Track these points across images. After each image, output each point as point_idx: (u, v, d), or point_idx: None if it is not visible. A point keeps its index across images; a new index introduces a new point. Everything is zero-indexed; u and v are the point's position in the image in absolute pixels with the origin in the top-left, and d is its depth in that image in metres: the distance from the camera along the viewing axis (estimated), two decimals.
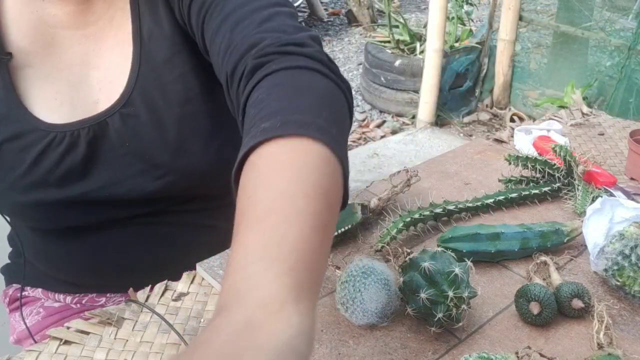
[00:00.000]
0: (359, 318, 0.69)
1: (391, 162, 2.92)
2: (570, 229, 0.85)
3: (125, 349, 0.70)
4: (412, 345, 0.68)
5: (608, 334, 0.66)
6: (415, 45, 3.55)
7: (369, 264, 0.70)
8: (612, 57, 2.88)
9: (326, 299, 0.75)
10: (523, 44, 3.30)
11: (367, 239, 0.87)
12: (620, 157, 1.16)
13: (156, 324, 0.73)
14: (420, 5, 5.46)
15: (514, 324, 0.72)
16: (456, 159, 1.12)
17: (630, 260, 0.74)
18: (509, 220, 0.91)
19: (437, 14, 2.97)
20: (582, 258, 0.85)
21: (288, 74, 0.59)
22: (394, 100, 3.46)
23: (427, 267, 0.66)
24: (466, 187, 1.02)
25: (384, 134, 3.31)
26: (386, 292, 0.69)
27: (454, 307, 0.66)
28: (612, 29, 2.88)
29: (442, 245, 0.79)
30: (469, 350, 0.67)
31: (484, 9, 4.19)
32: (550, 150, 0.99)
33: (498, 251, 0.81)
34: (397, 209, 0.89)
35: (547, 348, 0.68)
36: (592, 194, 0.93)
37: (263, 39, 0.64)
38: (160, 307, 0.76)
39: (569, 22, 3.06)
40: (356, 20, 4.92)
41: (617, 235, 0.77)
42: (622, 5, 2.87)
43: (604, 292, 0.78)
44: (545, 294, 0.70)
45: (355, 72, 4.10)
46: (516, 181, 0.99)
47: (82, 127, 0.79)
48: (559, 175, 0.97)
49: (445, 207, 0.89)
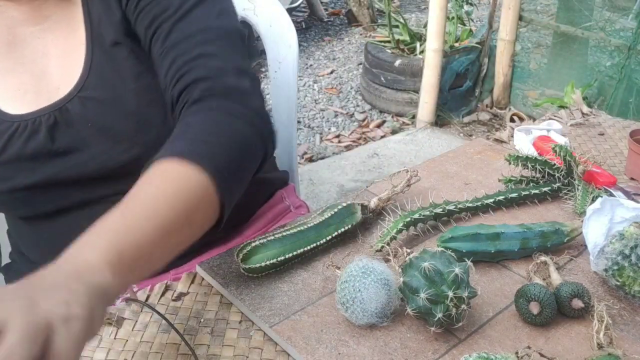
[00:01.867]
0: (359, 318, 0.69)
1: (391, 162, 2.92)
2: (570, 229, 0.85)
3: (125, 349, 0.70)
4: (412, 345, 0.68)
5: (608, 334, 0.66)
6: (415, 45, 3.55)
7: (368, 264, 0.70)
8: (612, 57, 2.88)
9: (326, 299, 0.75)
10: (523, 44, 3.30)
11: (367, 239, 0.87)
12: (620, 157, 1.16)
13: (156, 323, 0.73)
14: (420, 5, 5.46)
15: (514, 324, 0.72)
16: (456, 159, 1.12)
17: (630, 260, 0.74)
18: (509, 220, 0.91)
19: (437, 13, 2.97)
20: (582, 258, 0.85)
21: (212, 115, 0.73)
22: (394, 100, 3.46)
23: (427, 267, 0.66)
24: (466, 187, 1.02)
25: (384, 134, 3.31)
26: (386, 292, 0.69)
27: (454, 307, 0.66)
28: (612, 29, 2.88)
29: (442, 245, 0.79)
30: (469, 350, 0.67)
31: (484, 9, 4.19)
32: (550, 150, 0.99)
33: (498, 251, 0.81)
34: (397, 209, 0.89)
35: (547, 348, 0.68)
36: (592, 194, 0.93)
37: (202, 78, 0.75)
38: (160, 307, 0.76)
39: (569, 22, 3.06)
40: (356, 20, 4.91)
41: (617, 235, 0.77)
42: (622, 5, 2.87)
43: (604, 292, 0.78)
44: (545, 294, 0.70)
45: (355, 72, 4.10)
46: (516, 181, 0.99)
47: (43, 114, 0.83)
48: (559, 175, 0.97)
49: (445, 207, 0.89)
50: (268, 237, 0.79)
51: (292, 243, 0.79)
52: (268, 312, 0.73)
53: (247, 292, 0.76)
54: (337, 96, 3.80)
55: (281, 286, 0.77)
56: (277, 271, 0.79)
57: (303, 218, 0.88)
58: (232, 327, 0.72)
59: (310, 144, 3.25)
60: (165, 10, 0.80)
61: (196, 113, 0.73)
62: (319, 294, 0.76)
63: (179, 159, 0.65)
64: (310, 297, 0.76)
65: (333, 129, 3.41)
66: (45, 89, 0.85)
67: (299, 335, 0.69)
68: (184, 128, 0.71)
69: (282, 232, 0.80)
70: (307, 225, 0.82)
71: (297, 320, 0.72)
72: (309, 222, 0.83)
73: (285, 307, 0.74)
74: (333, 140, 3.29)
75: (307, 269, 0.81)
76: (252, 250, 0.77)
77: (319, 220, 0.83)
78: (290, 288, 0.77)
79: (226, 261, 0.81)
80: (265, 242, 0.78)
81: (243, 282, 0.78)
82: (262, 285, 0.77)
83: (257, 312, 0.73)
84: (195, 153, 0.66)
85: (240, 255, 0.77)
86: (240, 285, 0.77)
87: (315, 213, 0.87)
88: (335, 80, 4.04)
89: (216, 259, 0.82)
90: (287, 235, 0.80)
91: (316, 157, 3.10)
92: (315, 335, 0.69)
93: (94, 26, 0.85)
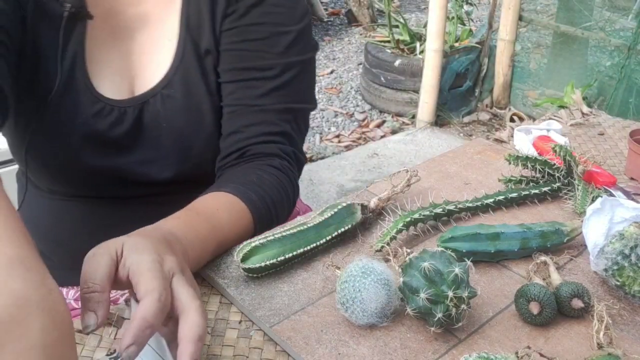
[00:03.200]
0: (358, 318, 0.69)
1: (391, 162, 2.92)
2: (570, 229, 0.85)
3: None
4: (412, 345, 0.68)
5: (608, 334, 0.66)
6: (415, 45, 3.55)
7: (368, 264, 0.70)
8: (612, 57, 2.88)
9: (326, 299, 0.75)
10: (523, 44, 3.30)
11: (367, 239, 0.87)
12: (620, 157, 1.16)
13: None
14: (420, 5, 5.46)
15: (514, 324, 0.72)
16: (456, 159, 1.12)
17: (630, 260, 0.74)
18: (509, 220, 0.91)
19: (437, 13, 2.97)
20: (582, 258, 0.85)
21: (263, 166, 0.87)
22: (394, 100, 3.47)
23: (427, 267, 0.66)
24: (466, 187, 1.02)
25: (384, 134, 3.31)
26: (386, 292, 0.69)
27: (454, 307, 0.66)
28: (612, 29, 2.88)
29: (442, 245, 0.79)
30: (468, 350, 0.67)
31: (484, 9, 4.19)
32: (550, 150, 0.99)
33: (498, 251, 0.81)
34: (397, 209, 0.89)
35: (547, 348, 0.68)
36: (592, 194, 0.93)
37: (276, 154, 0.89)
38: None
39: (569, 22, 3.06)
40: (356, 20, 4.92)
41: (617, 235, 0.77)
42: (622, 5, 2.88)
43: (604, 292, 0.78)
44: (545, 294, 0.70)
45: (355, 72, 4.10)
46: (516, 181, 0.99)
47: (129, 106, 0.86)
48: (559, 175, 0.97)
49: (445, 207, 0.89)
50: (268, 237, 0.79)
51: (292, 243, 0.79)
52: (268, 312, 0.73)
53: (247, 292, 0.76)
54: (337, 96, 3.80)
55: (281, 286, 0.77)
56: (277, 271, 0.79)
57: (303, 218, 0.88)
58: (232, 327, 0.72)
59: (310, 144, 3.25)
60: (267, 68, 0.86)
61: (270, 172, 0.87)
62: (319, 294, 0.76)
63: (248, 204, 0.82)
64: (310, 297, 0.76)
65: (333, 129, 3.41)
66: (134, 79, 0.87)
67: (299, 335, 0.69)
68: (259, 181, 0.85)
69: (282, 232, 0.80)
70: (307, 225, 0.82)
71: (297, 320, 0.72)
72: (309, 222, 0.83)
73: (285, 307, 0.74)
74: (333, 140, 3.30)
75: (307, 269, 0.81)
76: (252, 250, 0.77)
77: (319, 220, 0.83)
78: (290, 288, 0.77)
79: (226, 261, 0.81)
80: (265, 242, 0.78)
81: (243, 282, 0.78)
82: (262, 285, 0.77)
83: (257, 312, 0.73)
84: (257, 207, 0.83)
85: (240, 255, 0.77)
86: (240, 285, 0.77)
87: (315, 213, 0.87)
88: (335, 80, 4.04)
89: (216, 259, 0.82)
90: (287, 235, 0.80)
91: (316, 157, 3.10)
92: (315, 335, 0.69)
93: (191, 29, 0.86)
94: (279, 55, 0.87)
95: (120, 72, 0.87)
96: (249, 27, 0.86)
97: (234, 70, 0.87)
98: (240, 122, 0.87)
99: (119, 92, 0.86)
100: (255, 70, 0.86)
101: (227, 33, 0.86)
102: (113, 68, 0.87)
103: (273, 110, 0.87)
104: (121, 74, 0.87)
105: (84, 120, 0.85)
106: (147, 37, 0.88)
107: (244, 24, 0.85)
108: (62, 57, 0.83)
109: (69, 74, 0.84)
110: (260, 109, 0.87)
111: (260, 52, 0.86)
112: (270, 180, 0.86)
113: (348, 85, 3.93)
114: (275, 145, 0.88)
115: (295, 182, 0.92)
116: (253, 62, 0.86)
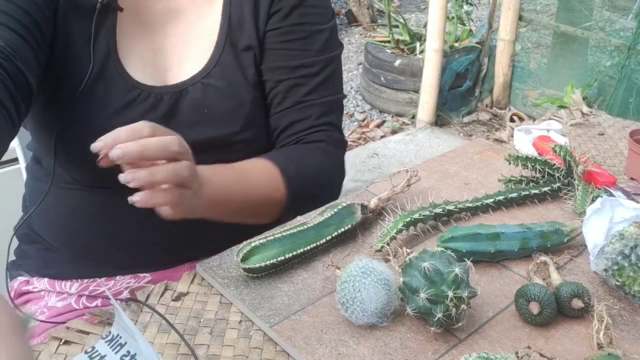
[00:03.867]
0: (358, 318, 0.69)
1: (391, 162, 2.92)
2: (570, 229, 0.85)
3: None
4: (412, 345, 0.68)
5: (608, 334, 0.66)
6: (415, 45, 3.55)
7: (368, 263, 0.70)
8: (612, 57, 2.88)
9: (326, 299, 0.75)
10: (523, 44, 3.30)
11: (367, 239, 0.87)
12: (620, 157, 1.16)
13: (156, 324, 0.73)
14: (420, 5, 5.46)
15: (514, 324, 0.72)
16: (456, 159, 1.12)
17: (630, 260, 0.74)
18: (509, 220, 0.91)
19: (437, 13, 2.97)
20: (582, 258, 0.85)
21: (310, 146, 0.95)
22: (394, 100, 3.46)
23: (427, 267, 0.66)
24: (466, 187, 1.02)
25: (384, 134, 3.31)
26: (386, 292, 0.69)
27: (454, 307, 0.66)
28: (612, 29, 2.88)
29: (442, 245, 0.79)
30: (468, 350, 0.67)
31: (484, 9, 4.19)
32: (550, 150, 0.99)
33: (498, 251, 0.81)
34: (397, 209, 0.89)
35: (547, 348, 0.68)
36: (592, 194, 0.93)
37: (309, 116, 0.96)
38: (160, 307, 0.76)
39: (569, 22, 3.06)
40: (356, 20, 4.91)
41: (617, 235, 0.77)
42: (622, 5, 2.88)
43: (604, 292, 0.78)
44: (545, 294, 0.70)
45: (355, 72, 4.10)
46: (516, 181, 0.99)
47: (166, 93, 0.88)
48: (559, 175, 0.97)
49: (445, 207, 0.89)
50: (268, 237, 0.79)
51: (292, 243, 0.79)
52: (268, 312, 0.73)
53: (247, 292, 0.76)
54: None
55: (281, 286, 0.77)
56: (277, 271, 0.79)
57: (303, 218, 0.88)
58: (232, 327, 0.72)
59: None
60: (310, 66, 0.94)
61: (314, 151, 0.94)
62: (319, 294, 0.76)
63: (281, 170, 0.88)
64: (310, 297, 0.76)
65: None
66: (167, 70, 0.89)
67: (299, 335, 0.69)
68: (300, 158, 0.92)
69: (282, 232, 0.80)
70: (307, 225, 0.82)
71: (297, 320, 0.72)
72: (308, 222, 0.83)
73: (285, 307, 0.74)
74: None
75: (307, 269, 0.81)
76: (252, 250, 0.77)
77: (318, 220, 0.83)
78: (290, 288, 0.77)
79: (226, 261, 0.81)
80: (265, 242, 0.78)
81: (243, 282, 0.78)
82: (262, 285, 0.77)
83: (257, 312, 0.73)
84: (294, 179, 0.89)
85: (240, 255, 0.77)
86: (240, 285, 0.77)
87: (315, 213, 0.87)
88: None
89: (216, 259, 0.82)
90: (287, 235, 0.80)
91: None
92: (315, 335, 0.69)
93: (233, 24, 0.91)
94: (319, 53, 0.95)
95: (152, 63, 0.89)
96: (292, 27, 0.93)
97: (283, 69, 0.93)
98: (291, 118, 0.95)
99: (152, 81, 0.89)
100: (302, 67, 0.94)
101: (273, 32, 0.92)
102: (144, 60, 0.89)
103: (319, 104, 0.95)
104: (153, 65, 0.89)
105: (116, 108, 0.87)
106: (182, 31, 0.91)
107: (288, 24, 0.92)
108: (94, 47, 0.86)
109: (102, 62, 0.86)
110: (309, 105, 0.95)
111: (304, 50, 0.94)
112: (313, 159, 0.93)
113: (348, 85, 3.93)
114: (324, 133, 0.96)
115: (340, 165, 0.99)
116: (299, 60, 0.94)
